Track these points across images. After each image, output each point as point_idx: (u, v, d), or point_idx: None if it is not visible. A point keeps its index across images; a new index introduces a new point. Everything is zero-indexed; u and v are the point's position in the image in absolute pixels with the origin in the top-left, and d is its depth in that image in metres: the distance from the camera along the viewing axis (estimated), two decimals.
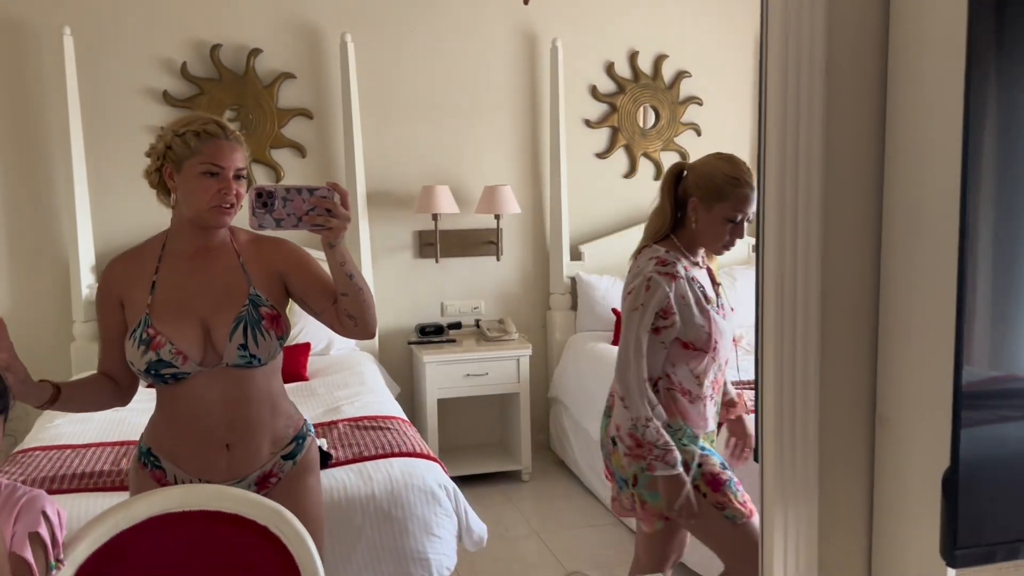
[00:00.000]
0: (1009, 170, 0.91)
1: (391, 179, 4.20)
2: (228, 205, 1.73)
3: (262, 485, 1.82)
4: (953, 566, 0.89)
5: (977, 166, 0.87)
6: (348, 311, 1.73)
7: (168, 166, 1.73)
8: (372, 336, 1.79)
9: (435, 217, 4.14)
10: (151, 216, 3.91)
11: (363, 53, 4.06)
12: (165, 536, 1.52)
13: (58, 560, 1.39)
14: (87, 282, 3.82)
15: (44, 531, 1.35)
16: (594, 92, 4.42)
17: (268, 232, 1.70)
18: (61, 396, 1.71)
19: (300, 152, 4.09)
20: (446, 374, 3.97)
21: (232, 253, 1.81)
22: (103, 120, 3.86)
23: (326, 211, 1.63)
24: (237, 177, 1.73)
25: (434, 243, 4.20)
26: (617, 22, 4.41)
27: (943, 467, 0.88)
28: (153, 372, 1.73)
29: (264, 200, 1.62)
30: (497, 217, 4.22)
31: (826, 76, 0.96)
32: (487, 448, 4.37)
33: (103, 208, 3.89)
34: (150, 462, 1.82)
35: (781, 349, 0.95)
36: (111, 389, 1.82)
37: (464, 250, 4.31)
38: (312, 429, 1.94)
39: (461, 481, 4.02)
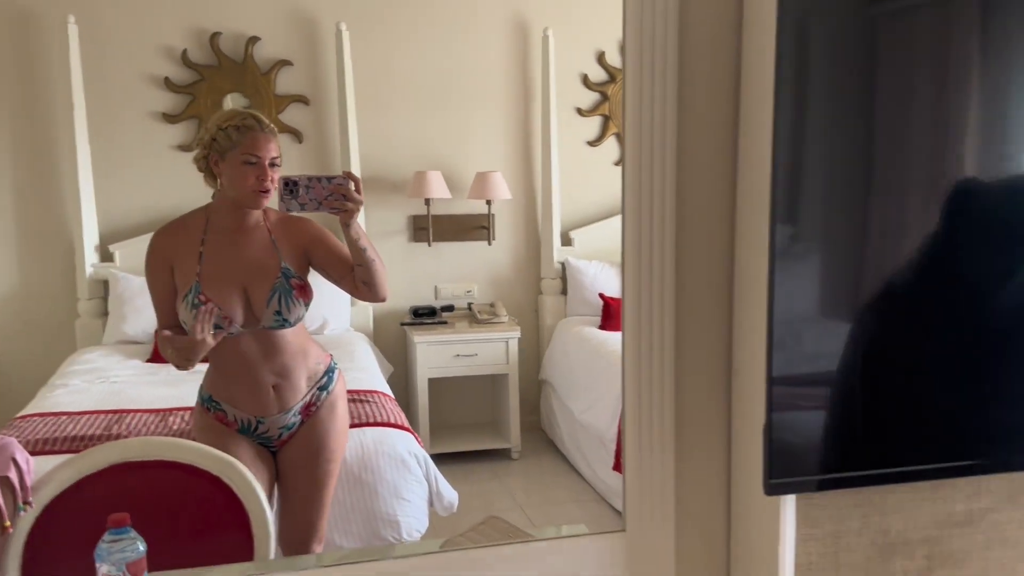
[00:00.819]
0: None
1: (385, 164, 4.31)
2: (266, 189, 2.05)
3: (305, 413, 2.21)
4: (768, 494, 1.01)
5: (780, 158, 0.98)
6: (363, 279, 2.07)
7: (213, 155, 2.06)
8: (384, 299, 2.13)
9: (428, 202, 4.25)
10: (152, 198, 4.11)
11: (358, 41, 4.17)
12: (124, 482, 1.64)
13: (26, 502, 1.51)
14: (91, 261, 3.98)
15: (13, 475, 1.48)
16: (585, 81, 4.50)
17: (294, 213, 2.03)
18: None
19: (297, 138, 4.21)
20: (437, 354, 4.08)
21: (265, 231, 2.13)
22: (107, 106, 4.01)
23: (342, 196, 1.96)
24: (272, 164, 2.05)
25: (427, 227, 4.32)
26: (608, 11, 4.48)
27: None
28: None
29: (290, 188, 1.95)
30: (488, 203, 4.32)
31: (679, 71, 1.05)
32: (479, 427, 4.48)
33: (107, 190, 4.04)
34: (212, 406, 2.18)
35: (639, 315, 1.04)
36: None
37: (457, 235, 4.41)
38: (337, 364, 2.30)
39: (451, 457, 4.15)
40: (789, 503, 1.08)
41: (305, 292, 2.13)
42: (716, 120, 1.12)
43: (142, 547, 1.19)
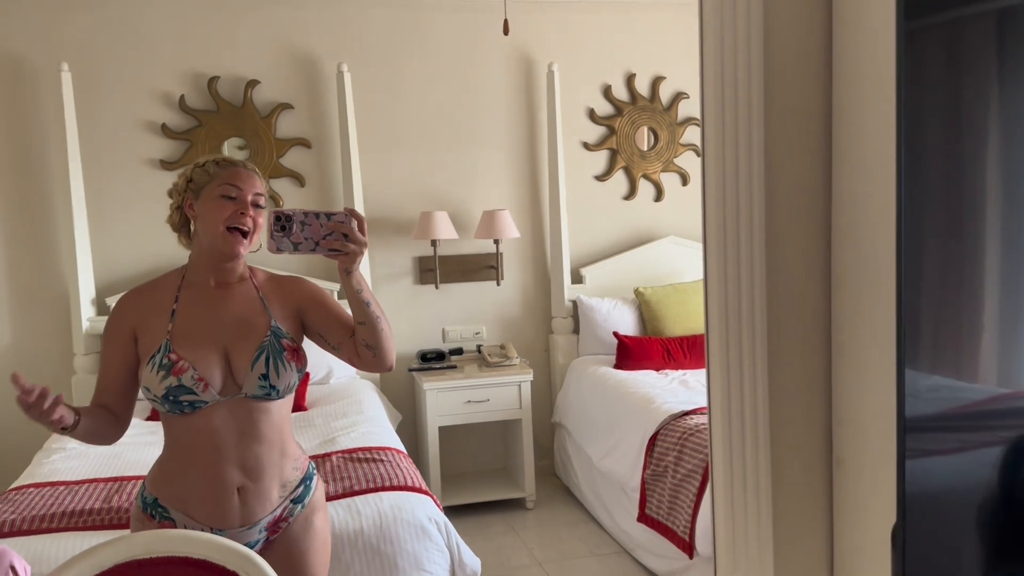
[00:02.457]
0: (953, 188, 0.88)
1: (389, 206, 4.19)
2: (244, 229, 1.74)
3: (273, 530, 1.81)
4: None
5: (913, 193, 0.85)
6: (366, 341, 1.74)
7: (188, 197, 1.77)
8: (391, 368, 1.79)
9: (434, 243, 4.13)
10: (150, 249, 3.98)
11: (359, 82, 4.07)
12: None
13: None
14: (87, 315, 3.83)
15: None
16: (592, 115, 4.40)
17: (285, 255, 1.69)
18: (80, 422, 1.68)
19: (299, 181, 4.10)
20: (447, 401, 3.94)
21: (252, 288, 1.83)
22: (102, 154, 3.89)
23: (343, 236, 1.65)
24: (255, 204, 1.76)
25: (434, 268, 4.19)
26: (614, 45, 4.40)
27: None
28: (172, 398, 1.70)
29: (283, 223, 1.64)
30: (496, 242, 4.21)
31: (766, 85, 0.93)
32: (490, 475, 4.32)
33: (103, 241, 3.91)
34: (158, 513, 1.77)
35: (728, 390, 0.91)
36: (112, 420, 1.78)
37: (464, 275, 4.29)
38: (314, 467, 1.92)
39: (463, 510, 3.99)
40: None
41: (298, 357, 1.79)
42: (806, 143, 0.99)
43: None
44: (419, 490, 2.61)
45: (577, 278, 4.39)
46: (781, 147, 0.96)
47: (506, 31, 2.90)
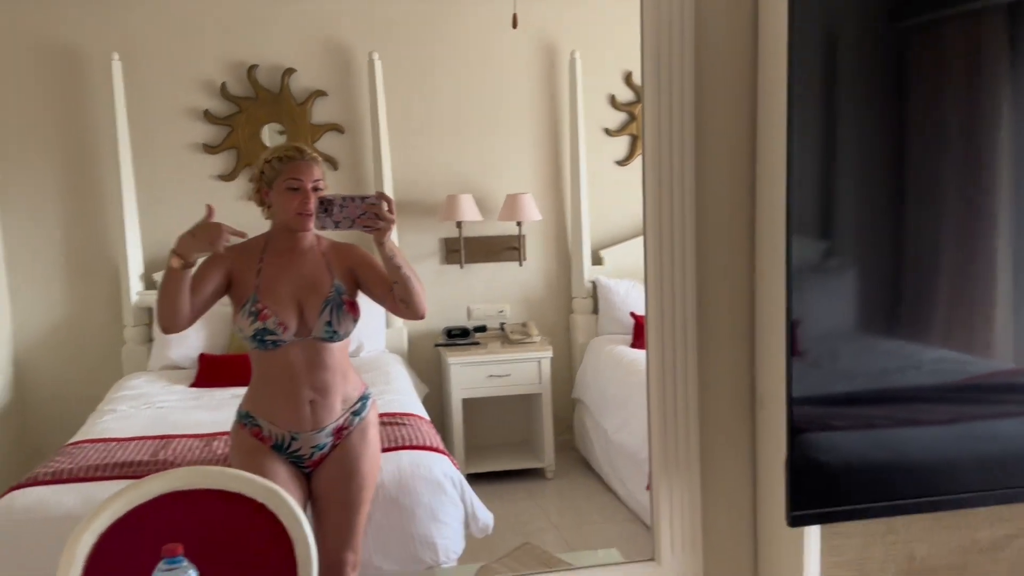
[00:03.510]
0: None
1: (417, 189, 4.40)
2: (309, 212, 2.16)
3: (337, 436, 2.29)
4: (790, 525, 1.04)
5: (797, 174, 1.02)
6: (400, 296, 2.18)
7: (263, 187, 2.23)
8: (422, 317, 2.23)
9: (459, 225, 4.32)
10: None
11: (390, 70, 4.27)
12: (174, 511, 1.72)
13: None
14: (136, 289, 4.11)
15: None
16: (613, 101, 4.55)
17: (328, 231, 2.16)
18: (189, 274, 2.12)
19: (332, 165, 4.32)
20: (470, 375, 4.14)
21: (318, 254, 2.28)
22: (150, 138, 4.15)
23: (374, 215, 2.05)
24: (315, 189, 2.18)
25: (459, 249, 4.39)
26: (634, 32, 4.52)
27: None
28: (259, 338, 2.18)
29: (325, 207, 2.04)
30: (519, 224, 4.39)
31: (696, 84, 1.10)
32: (512, 447, 4.52)
33: (150, 220, 4.17)
34: (248, 422, 2.28)
35: (662, 342, 1.09)
36: (188, 302, 2.15)
37: (488, 256, 4.48)
38: (370, 391, 2.41)
39: (486, 477, 4.19)
40: (814, 532, 1.11)
41: (355, 309, 2.26)
42: (734, 138, 1.17)
43: (194, 575, 1.26)
44: (437, 450, 2.81)
45: (597, 260, 4.55)
46: (711, 145, 1.14)
47: (515, 24, 3.08)
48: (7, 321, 4.09)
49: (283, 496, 1.73)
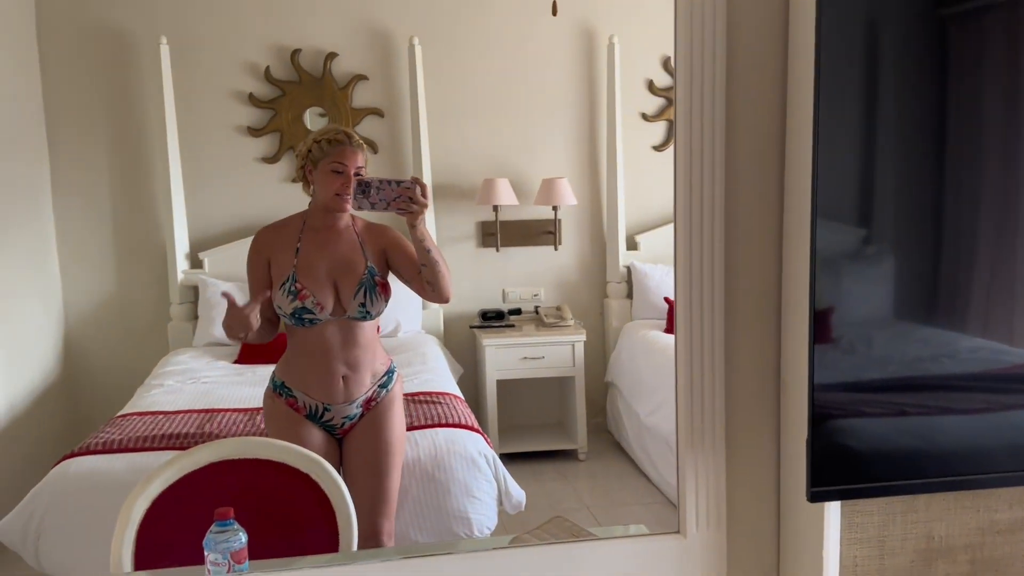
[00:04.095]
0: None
1: (455, 173, 4.46)
2: (348, 195, 2.28)
3: (366, 407, 2.45)
4: (811, 500, 1.08)
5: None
6: (427, 279, 2.30)
7: (308, 165, 2.34)
8: (447, 300, 2.36)
9: (495, 208, 4.38)
10: (238, 208, 4.36)
11: (430, 55, 4.33)
12: (223, 478, 1.81)
13: None
14: (182, 268, 4.23)
15: None
16: (651, 86, 4.56)
17: (364, 213, 2.25)
18: (253, 333, 2.29)
19: (372, 148, 4.39)
20: (504, 357, 4.20)
21: (353, 234, 2.39)
22: (196, 121, 4.26)
23: (409, 199, 2.17)
24: (356, 175, 2.30)
25: (495, 233, 4.45)
26: (672, 17, 4.52)
27: None
28: (297, 316, 2.32)
29: (363, 189, 2.15)
30: (555, 208, 4.43)
31: (728, 67, 1.13)
32: (546, 428, 4.58)
33: (196, 201, 4.29)
34: (284, 392, 2.42)
35: (690, 322, 1.13)
36: (267, 325, 2.36)
37: (524, 240, 4.53)
38: (395, 365, 2.55)
39: (519, 457, 4.26)
40: (834, 508, 1.15)
41: (386, 289, 2.37)
42: (765, 123, 1.20)
43: (244, 538, 1.34)
44: (471, 428, 2.89)
45: (632, 245, 4.58)
46: (741, 129, 1.17)
47: (554, 12, 3.11)
48: (58, 298, 4.24)
49: (325, 466, 1.81)
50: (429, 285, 2.30)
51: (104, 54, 4.19)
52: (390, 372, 2.51)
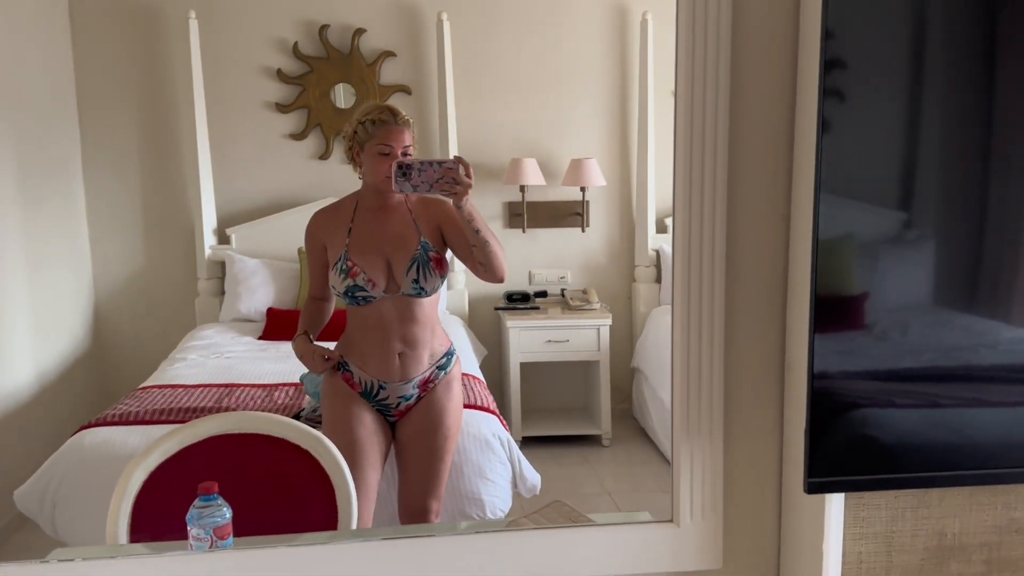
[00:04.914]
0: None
1: (482, 151, 4.40)
2: None
3: (423, 389, 2.41)
4: (808, 492, 1.02)
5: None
6: (479, 259, 2.28)
7: (355, 146, 2.29)
8: (501, 280, 2.32)
9: (522, 189, 4.31)
10: (266, 185, 4.36)
11: (458, 31, 4.27)
12: (223, 452, 1.79)
13: None
14: (209, 243, 4.25)
15: None
16: None
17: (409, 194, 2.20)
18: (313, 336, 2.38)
19: None
20: (528, 339, 4.15)
21: (406, 210, 2.35)
22: (224, 96, 4.26)
23: (452, 179, 2.11)
24: (404, 154, 2.26)
25: (521, 214, 4.38)
26: None
27: None
28: (350, 294, 2.30)
29: (404, 171, 2.08)
30: (583, 189, 4.35)
31: (733, 38, 1.06)
32: (570, 412, 4.53)
33: (224, 177, 4.29)
34: (341, 367, 2.40)
35: (688, 301, 1.07)
36: (324, 305, 2.43)
37: (551, 221, 4.46)
38: (455, 347, 2.51)
39: (542, 441, 4.21)
40: (836, 501, 1.08)
41: (441, 265, 2.34)
42: (773, 100, 1.13)
43: (228, 513, 1.31)
44: (487, 409, 2.84)
45: (662, 228, 4.48)
46: (747, 105, 1.10)
47: None
48: (88, 271, 4.29)
49: (326, 444, 1.79)
50: (481, 265, 2.27)
51: (134, 29, 4.20)
52: (449, 353, 2.47)
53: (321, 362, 2.35)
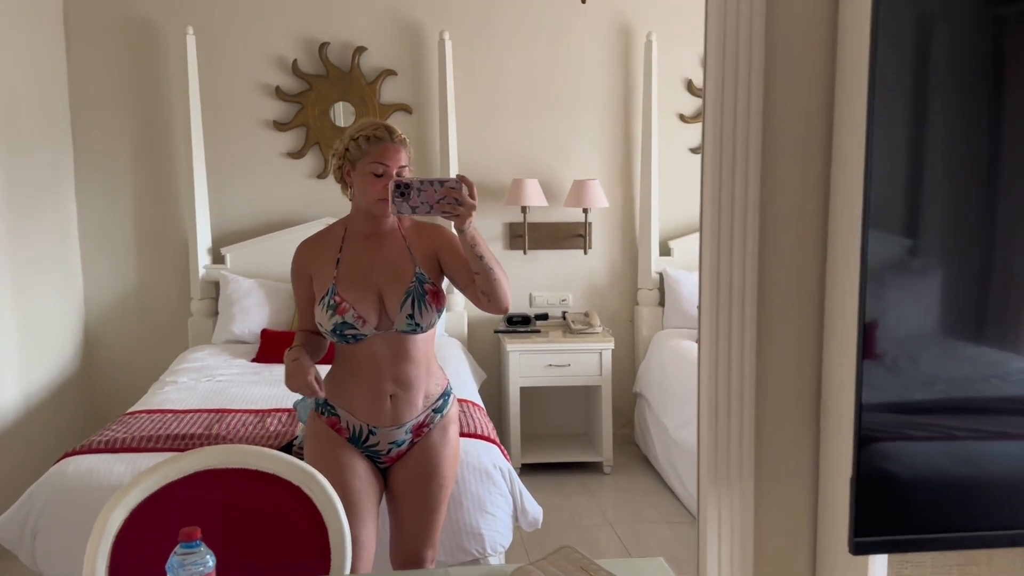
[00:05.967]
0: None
1: (482, 172, 4.32)
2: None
3: (417, 434, 2.15)
4: (853, 553, 0.92)
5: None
6: (482, 288, 2.01)
7: (346, 165, 2.07)
8: (506, 311, 2.06)
9: (524, 210, 4.23)
10: (262, 204, 4.26)
11: (460, 50, 4.20)
12: (208, 489, 1.68)
13: None
14: (204, 263, 4.15)
15: None
16: (690, 86, 4.38)
17: (408, 216, 2.02)
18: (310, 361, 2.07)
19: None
20: (529, 363, 4.05)
21: (399, 237, 2.11)
22: (221, 114, 4.18)
23: (454, 200, 1.88)
24: (399, 174, 2.03)
25: (523, 235, 4.30)
26: None
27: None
28: (338, 332, 2.06)
29: (401, 191, 1.87)
30: (585, 211, 4.27)
31: (766, 61, 0.98)
32: (570, 438, 4.43)
33: (219, 196, 4.21)
34: (326, 411, 2.15)
35: (716, 340, 0.98)
36: (318, 339, 2.17)
37: (552, 243, 4.38)
38: (453, 389, 2.26)
39: (542, 468, 4.12)
40: (880, 562, 0.99)
41: (438, 298, 2.09)
42: (808, 124, 1.05)
43: (211, 561, 1.20)
44: (487, 439, 2.74)
45: (665, 250, 4.40)
46: (781, 130, 1.01)
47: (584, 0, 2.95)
48: (79, 290, 4.19)
49: (320, 480, 1.68)
50: (484, 295, 2.01)
51: (130, 44, 4.13)
52: (446, 394, 2.21)
53: (312, 385, 2.02)
